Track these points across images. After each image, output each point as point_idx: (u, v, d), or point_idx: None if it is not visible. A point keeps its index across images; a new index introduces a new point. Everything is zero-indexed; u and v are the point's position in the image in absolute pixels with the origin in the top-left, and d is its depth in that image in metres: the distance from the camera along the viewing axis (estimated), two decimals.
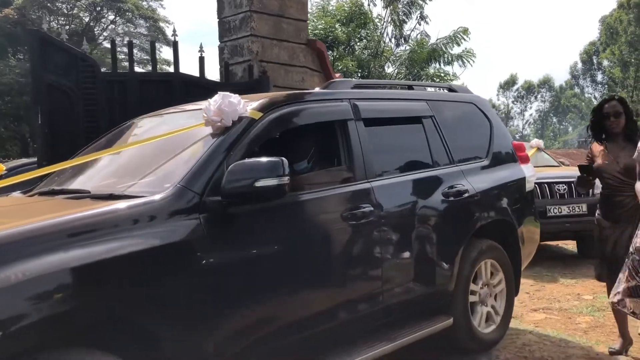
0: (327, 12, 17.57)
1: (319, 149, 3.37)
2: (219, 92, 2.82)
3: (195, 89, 5.23)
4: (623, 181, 3.76)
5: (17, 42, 25.32)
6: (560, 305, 5.28)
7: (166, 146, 2.88)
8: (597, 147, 3.96)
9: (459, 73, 20.90)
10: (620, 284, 3.46)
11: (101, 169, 3.17)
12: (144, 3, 31.28)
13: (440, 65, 16.86)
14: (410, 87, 4.23)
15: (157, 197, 2.40)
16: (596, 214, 4.03)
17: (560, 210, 7.05)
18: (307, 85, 6.14)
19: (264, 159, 2.51)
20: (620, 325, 3.89)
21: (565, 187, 7.04)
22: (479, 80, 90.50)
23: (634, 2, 34.28)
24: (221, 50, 5.92)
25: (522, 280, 5.49)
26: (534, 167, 4.94)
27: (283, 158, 2.52)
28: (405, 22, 18.02)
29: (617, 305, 3.50)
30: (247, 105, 2.87)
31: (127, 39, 30.80)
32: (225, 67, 5.70)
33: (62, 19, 30.19)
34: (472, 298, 3.82)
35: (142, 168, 2.89)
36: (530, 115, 63.86)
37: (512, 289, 4.15)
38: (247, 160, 2.57)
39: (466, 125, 4.19)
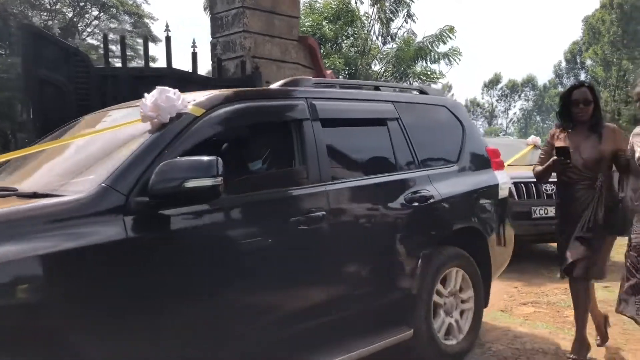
0: (314, 9, 17.57)
1: (273, 150, 3.27)
2: (156, 87, 2.67)
3: (188, 84, 5.23)
4: (582, 173, 3.61)
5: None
6: (548, 299, 5.38)
7: (104, 143, 2.78)
8: (558, 135, 3.79)
9: (445, 71, 20.99)
10: (621, 288, 3.40)
11: (38, 166, 3.06)
12: None
13: (427, 63, 16.94)
14: (377, 88, 3.97)
15: (77, 196, 2.27)
16: (555, 214, 3.91)
17: (546, 211, 6.59)
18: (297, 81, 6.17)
19: (196, 158, 2.37)
20: (579, 332, 3.72)
21: (552, 187, 6.26)
22: (466, 78, 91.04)
23: (616, 2, 34.73)
24: (213, 46, 5.93)
25: (509, 275, 5.61)
26: (529, 165, 4.93)
27: (218, 157, 2.38)
28: (392, 20, 18.06)
29: (623, 312, 3.40)
30: (189, 101, 2.75)
31: (111, 35, 30.62)
32: (217, 62, 5.71)
33: (45, 14, 29.86)
34: (436, 309, 3.63)
35: (75, 166, 2.79)
36: (514, 113, 64.41)
37: (481, 299, 3.97)
38: (178, 159, 2.43)
39: (436, 129, 4.06)
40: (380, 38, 18.41)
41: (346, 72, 17.24)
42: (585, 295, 3.70)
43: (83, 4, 30.42)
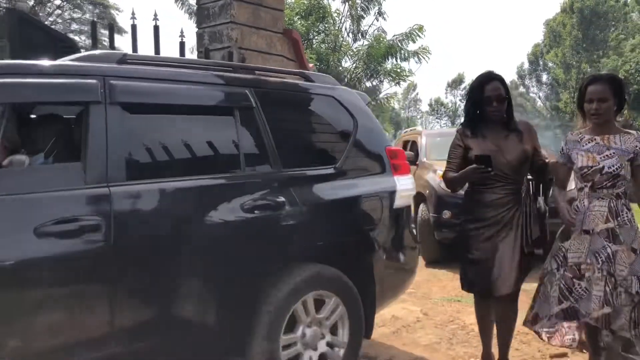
0: (286, 4, 17.65)
1: (57, 141, 2.79)
2: None
3: None
4: (507, 177, 3.17)
5: None
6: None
7: None
8: (470, 135, 3.28)
9: (414, 69, 21.31)
10: (551, 307, 3.13)
11: None
12: None
13: (397, 61, 17.22)
14: (236, 70, 3.31)
15: None
16: (464, 217, 3.40)
17: None
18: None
19: None
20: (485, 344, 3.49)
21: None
22: (432, 78, 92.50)
23: (576, 7, 35.90)
24: (200, 36, 5.97)
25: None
26: None
27: None
28: (364, 18, 18.35)
29: (552, 340, 3.24)
30: None
31: (74, 25, 30.03)
32: (205, 52, 5.74)
33: (4, 1, 29.03)
34: (292, 347, 2.99)
35: None
36: None
37: (360, 328, 3.27)
38: None
39: (313, 123, 3.48)
40: (351, 35, 18.66)
41: (317, 68, 17.39)
42: (516, 315, 3.38)
43: None
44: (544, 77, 44.62)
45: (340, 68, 17.57)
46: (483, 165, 3.05)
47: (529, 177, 3.33)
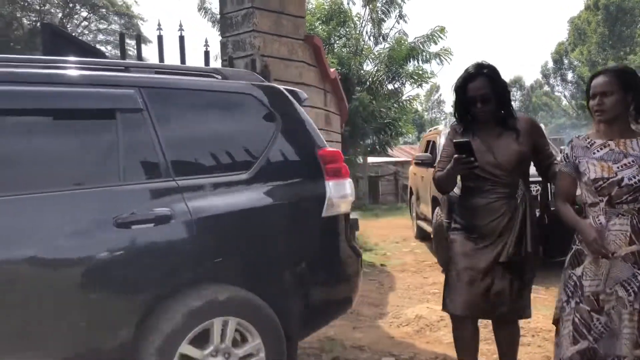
0: (307, 10, 17.81)
1: None
2: None
3: None
4: (497, 178, 2.87)
5: None
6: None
7: None
8: (461, 133, 3.01)
9: (436, 71, 21.31)
10: (563, 349, 2.64)
11: None
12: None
13: (418, 63, 17.23)
14: (127, 69, 3.01)
15: None
16: (452, 225, 3.07)
17: None
18: (304, 79, 6.41)
19: None
20: None
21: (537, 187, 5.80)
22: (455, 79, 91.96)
23: (601, 4, 35.43)
24: (224, 45, 6.13)
25: None
26: None
27: None
28: (384, 21, 18.39)
29: None
30: None
31: (100, 35, 30.74)
32: (229, 61, 5.90)
33: (34, 15, 29.79)
34: None
35: None
36: None
37: (281, 356, 2.90)
38: None
39: (225, 125, 3.10)
40: (372, 38, 18.72)
41: (339, 72, 17.50)
42: (518, 338, 3.13)
43: (72, 5, 30.44)
44: (569, 76, 44.07)
45: (362, 71, 17.64)
46: (464, 155, 2.73)
47: (535, 179, 3.02)
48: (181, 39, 5.73)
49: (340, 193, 3.22)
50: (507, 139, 2.89)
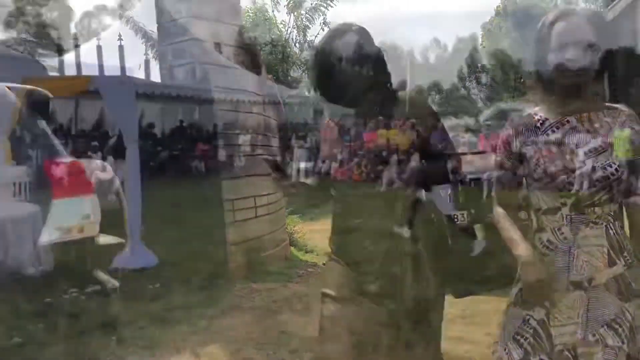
0: None
1: None
2: None
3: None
4: None
5: None
6: None
7: None
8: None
9: None
10: None
11: None
12: None
13: None
14: None
15: None
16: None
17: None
18: (243, 85, 6.53)
19: None
20: None
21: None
22: None
23: (511, 10, 37.46)
24: (163, 53, 6.18)
25: None
26: None
27: None
28: (309, 28, 18.75)
29: None
30: None
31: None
32: (169, 69, 5.98)
33: None
34: None
35: None
36: None
37: None
38: None
39: None
40: (297, 45, 19.03)
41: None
42: None
43: None
44: (484, 79, 46.23)
45: (290, 78, 17.89)
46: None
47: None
48: (120, 48, 5.76)
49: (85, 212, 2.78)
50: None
